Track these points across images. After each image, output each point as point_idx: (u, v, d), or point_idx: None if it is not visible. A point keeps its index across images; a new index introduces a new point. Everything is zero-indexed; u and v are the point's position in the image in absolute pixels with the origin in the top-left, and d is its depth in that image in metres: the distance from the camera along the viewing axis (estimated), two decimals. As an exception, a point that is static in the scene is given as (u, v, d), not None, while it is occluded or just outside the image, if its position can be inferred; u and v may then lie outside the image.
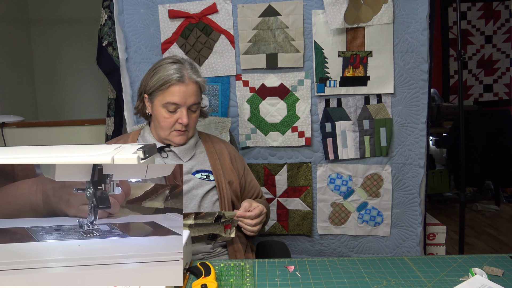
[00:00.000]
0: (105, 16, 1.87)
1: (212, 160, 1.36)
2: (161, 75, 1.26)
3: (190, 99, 1.27)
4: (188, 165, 1.33)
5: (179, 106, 1.27)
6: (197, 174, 1.32)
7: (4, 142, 2.52)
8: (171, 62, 1.29)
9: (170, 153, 1.34)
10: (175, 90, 1.25)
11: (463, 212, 2.06)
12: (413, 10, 1.73)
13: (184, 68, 1.27)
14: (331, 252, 1.93)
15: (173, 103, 1.26)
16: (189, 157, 1.34)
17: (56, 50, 4.22)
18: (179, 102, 1.26)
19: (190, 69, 1.28)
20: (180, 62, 1.29)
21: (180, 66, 1.27)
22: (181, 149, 1.33)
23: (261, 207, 1.26)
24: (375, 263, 1.03)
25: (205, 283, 0.87)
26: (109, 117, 2.08)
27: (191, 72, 1.28)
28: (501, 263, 1.01)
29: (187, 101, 1.26)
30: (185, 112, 1.27)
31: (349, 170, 1.85)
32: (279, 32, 1.76)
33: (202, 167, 1.34)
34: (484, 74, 4.15)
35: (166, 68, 1.27)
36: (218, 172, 1.34)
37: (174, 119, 1.28)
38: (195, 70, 1.30)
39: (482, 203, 3.67)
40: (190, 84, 1.26)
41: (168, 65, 1.27)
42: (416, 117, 1.80)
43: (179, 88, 1.25)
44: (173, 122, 1.28)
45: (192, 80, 1.27)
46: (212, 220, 1.19)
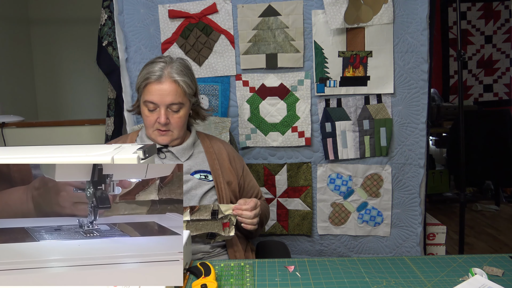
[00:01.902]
0: (105, 16, 1.87)
1: (211, 161, 1.35)
2: (144, 72, 1.26)
3: (167, 98, 1.24)
4: (186, 165, 1.32)
5: (157, 105, 1.25)
6: (195, 174, 1.32)
7: (4, 142, 2.52)
8: (159, 61, 1.27)
9: (168, 153, 1.33)
10: (152, 88, 1.24)
11: (463, 212, 2.06)
12: (413, 10, 1.73)
13: (168, 67, 1.25)
14: (331, 252, 1.93)
15: (150, 102, 1.25)
16: (187, 157, 1.34)
17: (56, 50, 4.22)
18: (156, 101, 1.24)
19: (175, 69, 1.26)
20: (167, 62, 1.27)
21: (164, 66, 1.25)
22: (179, 149, 1.33)
23: (255, 200, 1.24)
24: (375, 263, 1.03)
25: (205, 283, 0.87)
26: (109, 117, 2.08)
27: (174, 71, 1.25)
28: (501, 263, 1.01)
29: (164, 100, 1.24)
30: (163, 111, 1.25)
31: (349, 170, 1.85)
32: (279, 32, 1.76)
33: (200, 167, 1.34)
34: (484, 74, 4.15)
35: (152, 66, 1.26)
36: (216, 173, 1.33)
37: (154, 118, 1.26)
38: (179, 71, 1.26)
39: (482, 203, 3.67)
40: (167, 83, 1.24)
41: (155, 64, 1.26)
42: (416, 117, 1.80)
43: (155, 87, 1.24)
44: (154, 121, 1.27)
45: (171, 79, 1.24)
46: (209, 215, 1.18)
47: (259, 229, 1.37)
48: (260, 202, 1.27)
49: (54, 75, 4.27)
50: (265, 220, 1.43)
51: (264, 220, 1.41)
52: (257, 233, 1.40)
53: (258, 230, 1.36)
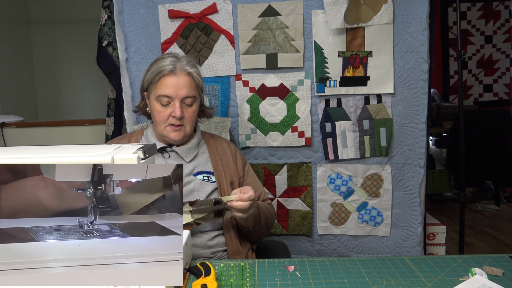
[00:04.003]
0: (105, 16, 1.87)
1: (214, 161, 1.34)
2: (154, 68, 1.26)
3: (183, 91, 1.23)
4: (190, 166, 1.31)
5: (172, 99, 1.24)
6: (198, 175, 1.30)
7: (4, 142, 2.52)
8: (167, 56, 1.28)
9: (172, 153, 1.32)
10: (166, 82, 1.23)
11: (463, 212, 2.06)
12: (413, 10, 1.73)
13: (178, 61, 1.26)
14: (331, 252, 1.93)
15: (165, 96, 1.23)
16: (192, 157, 1.32)
17: (56, 50, 4.22)
18: (171, 94, 1.23)
19: (186, 62, 1.26)
20: (176, 57, 1.27)
21: (174, 60, 1.26)
22: (183, 149, 1.31)
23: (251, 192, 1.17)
24: (375, 263, 1.03)
25: (205, 283, 0.87)
26: (109, 117, 2.08)
27: (185, 64, 1.26)
28: (501, 263, 1.01)
29: (179, 93, 1.23)
30: (178, 104, 1.23)
31: (349, 170, 1.85)
32: (279, 32, 1.76)
33: (204, 168, 1.33)
34: (484, 74, 4.15)
35: (161, 61, 1.26)
36: (220, 174, 1.32)
37: (168, 113, 1.24)
38: (190, 63, 1.27)
39: (482, 203, 3.67)
40: (182, 76, 1.24)
41: (163, 59, 1.26)
42: (416, 117, 1.80)
43: (170, 80, 1.23)
44: (167, 116, 1.25)
45: (185, 71, 1.25)
46: (211, 206, 1.16)
47: (260, 233, 1.33)
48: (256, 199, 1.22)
49: (54, 75, 4.27)
50: (265, 223, 1.33)
51: (263, 222, 1.32)
52: (257, 235, 1.34)
53: (258, 233, 1.32)
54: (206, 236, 1.26)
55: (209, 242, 1.26)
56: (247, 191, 1.16)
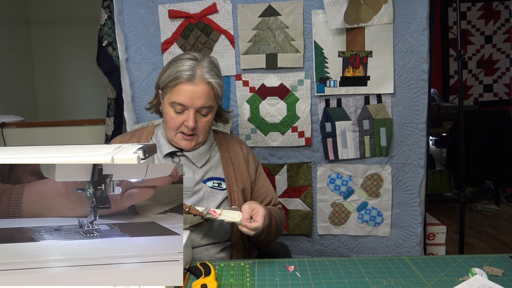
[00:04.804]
0: (105, 16, 1.87)
1: (226, 167, 1.26)
2: (172, 71, 1.16)
3: (199, 101, 1.15)
4: (201, 172, 1.24)
5: (187, 108, 1.16)
6: (208, 182, 1.24)
7: (4, 142, 2.52)
8: (187, 58, 1.18)
9: (182, 157, 1.24)
10: (183, 89, 1.14)
11: (463, 212, 2.06)
12: (413, 10, 1.73)
13: (199, 67, 1.16)
14: (331, 252, 1.93)
15: (179, 104, 1.15)
16: (203, 162, 1.25)
17: (56, 50, 4.22)
18: (186, 103, 1.15)
19: (207, 68, 1.17)
20: (197, 60, 1.17)
21: (195, 64, 1.16)
22: (195, 154, 1.24)
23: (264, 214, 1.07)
24: (375, 263, 1.03)
25: (205, 283, 0.87)
26: (109, 117, 2.08)
27: (206, 71, 1.16)
28: (501, 263, 1.01)
29: (194, 103, 1.15)
30: (192, 114, 1.15)
31: (349, 170, 1.85)
32: (279, 32, 1.76)
33: (214, 173, 1.26)
34: (484, 74, 4.15)
35: (180, 63, 1.16)
36: (230, 180, 1.25)
37: (181, 121, 1.17)
38: (211, 70, 1.18)
39: (482, 203, 3.67)
40: (200, 85, 1.15)
41: (183, 61, 1.17)
42: (416, 117, 1.80)
43: (187, 88, 1.14)
44: (179, 124, 1.18)
45: (204, 80, 1.15)
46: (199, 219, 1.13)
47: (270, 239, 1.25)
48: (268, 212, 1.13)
49: (54, 75, 4.27)
50: (275, 230, 1.25)
51: (273, 230, 1.23)
52: (267, 242, 1.26)
53: (268, 240, 1.24)
54: (213, 250, 1.22)
55: (216, 255, 1.23)
56: (256, 219, 1.06)
